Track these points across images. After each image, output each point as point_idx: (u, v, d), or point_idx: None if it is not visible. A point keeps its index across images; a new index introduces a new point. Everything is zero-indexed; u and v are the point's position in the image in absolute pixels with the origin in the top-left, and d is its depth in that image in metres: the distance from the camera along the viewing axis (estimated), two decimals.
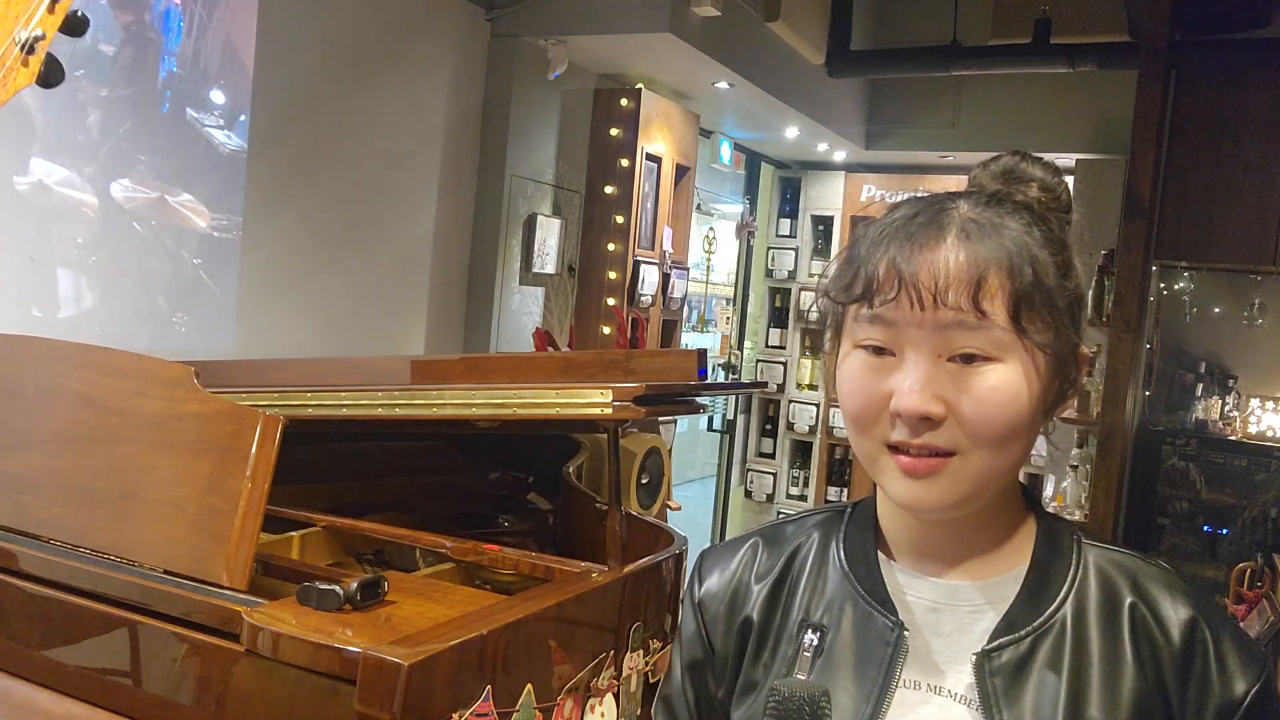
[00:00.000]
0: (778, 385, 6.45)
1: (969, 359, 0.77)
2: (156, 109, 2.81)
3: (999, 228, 0.79)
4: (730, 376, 5.85)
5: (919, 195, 0.85)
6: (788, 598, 0.91)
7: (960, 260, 0.77)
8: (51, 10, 0.97)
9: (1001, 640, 0.81)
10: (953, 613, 0.84)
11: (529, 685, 1.49)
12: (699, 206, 5.51)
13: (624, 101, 4.34)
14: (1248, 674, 0.79)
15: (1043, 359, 0.78)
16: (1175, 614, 0.81)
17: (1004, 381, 0.77)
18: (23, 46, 0.95)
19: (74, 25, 1.02)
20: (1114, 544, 0.87)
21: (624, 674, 1.77)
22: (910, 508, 0.81)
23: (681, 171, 4.75)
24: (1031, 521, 0.87)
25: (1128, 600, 0.82)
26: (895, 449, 0.79)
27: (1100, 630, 0.81)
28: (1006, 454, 0.79)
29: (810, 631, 0.87)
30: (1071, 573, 0.83)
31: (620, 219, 4.37)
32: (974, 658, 0.81)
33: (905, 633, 0.83)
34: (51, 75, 1.00)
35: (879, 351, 0.80)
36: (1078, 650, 0.80)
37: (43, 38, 0.96)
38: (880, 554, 0.89)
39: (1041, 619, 0.81)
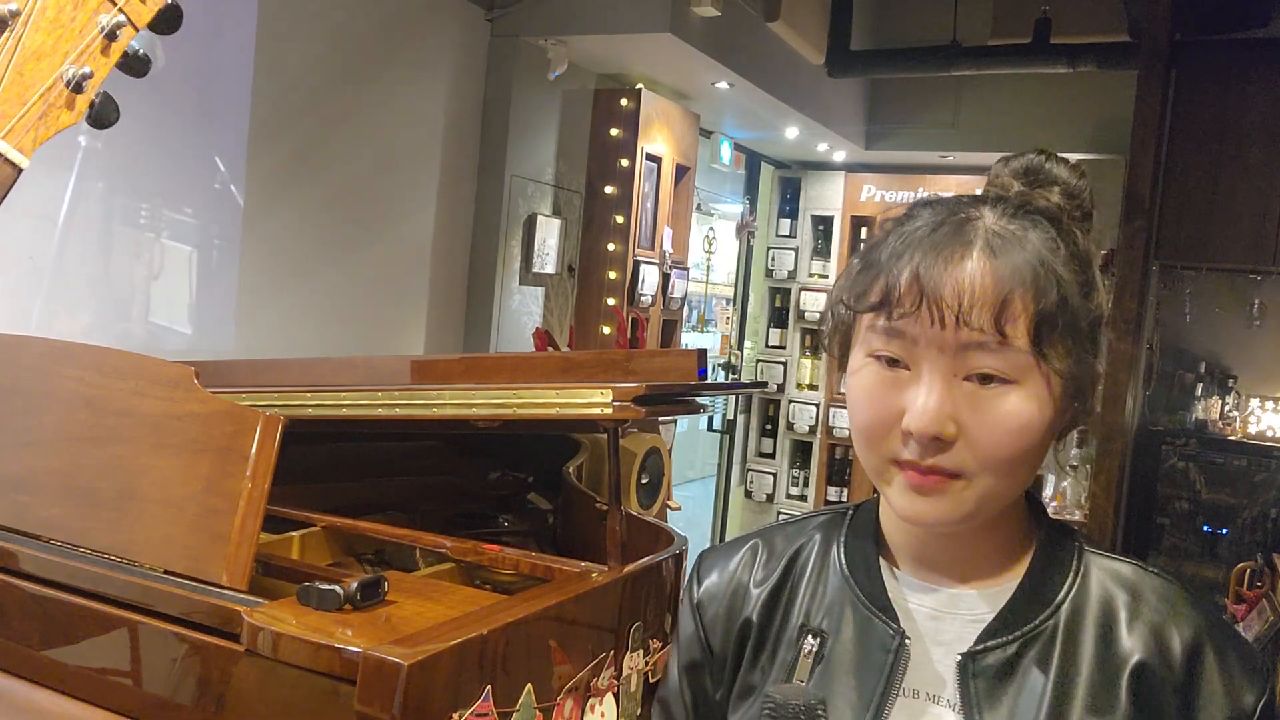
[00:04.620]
0: (778, 385, 6.45)
1: (985, 379, 0.76)
2: (155, 108, 2.81)
3: (1023, 242, 0.77)
4: (730, 376, 5.84)
5: (938, 199, 0.82)
6: (788, 601, 0.90)
7: (986, 280, 0.75)
8: (105, 52, 0.92)
9: (988, 643, 0.80)
10: (953, 621, 0.83)
11: (529, 685, 1.49)
12: (699, 206, 5.51)
13: (624, 101, 4.34)
14: (1253, 689, 0.78)
15: (1059, 383, 0.77)
16: (1179, 636, 0.79)
17: (1019, 407, 0.75)
18: (69, 84, 0.90)
19: (136, 66, 0.96)
20: (1117, 553, 0.86)
21: (624, 674, 1.77)
22: (914, 522, 0.81)
23: (681, 171, 4.74)
24: (1036, 529, 0.86)
25: (1127, 623, 0.80)
26: (902, 464, 0.79)
27: (1094, 639, 0.80)
28: (1013, 477, 0.78)
29: (810, 636, 0.86)
30: (1069, 581, 0.83)
31: (620, 219, 4.37)
32: (958, 658, 0.80)
33: (907, 641, 0.83)
34: (105, 115, 0.95)
35: (892, 363, 0.78)
36: (1066, 656, 0.79)
37: (91, 76, 0.91)
38: (881, 560, 0.88)
39: (1032, 624, 0.80)
